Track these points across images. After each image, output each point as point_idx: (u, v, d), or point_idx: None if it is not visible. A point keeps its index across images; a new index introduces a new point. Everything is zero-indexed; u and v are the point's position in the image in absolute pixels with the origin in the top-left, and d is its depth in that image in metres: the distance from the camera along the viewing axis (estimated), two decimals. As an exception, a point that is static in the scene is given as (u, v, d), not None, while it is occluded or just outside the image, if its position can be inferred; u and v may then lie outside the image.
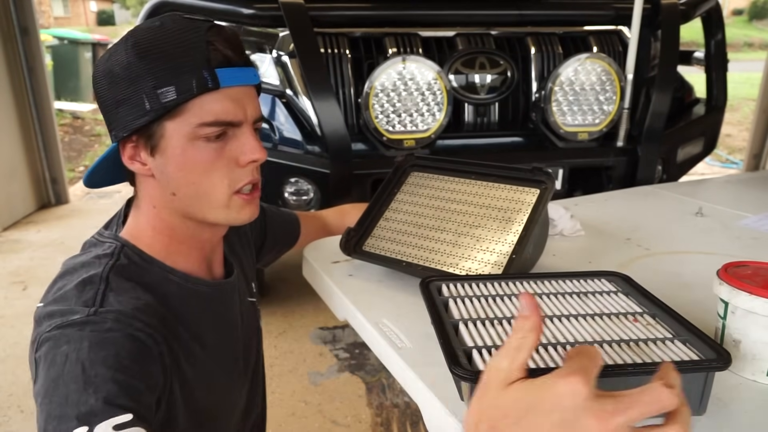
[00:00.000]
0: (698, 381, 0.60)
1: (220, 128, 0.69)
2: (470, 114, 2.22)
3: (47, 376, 0.60)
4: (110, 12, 29.21)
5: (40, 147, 4.16)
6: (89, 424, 0.55)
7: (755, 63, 8.00)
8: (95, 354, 0.60)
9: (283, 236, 1.12)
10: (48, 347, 0.62)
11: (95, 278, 0.68)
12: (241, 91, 0.71)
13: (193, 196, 0.72)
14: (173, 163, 0.70)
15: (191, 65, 0.67)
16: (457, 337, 0.65)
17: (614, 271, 0.82)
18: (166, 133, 0.69)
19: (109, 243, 0.74)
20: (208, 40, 0.68)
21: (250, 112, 0.72)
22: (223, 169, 0.71)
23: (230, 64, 0.69)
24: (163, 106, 0.67)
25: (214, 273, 0.84)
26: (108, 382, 0.59)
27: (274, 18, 2.04)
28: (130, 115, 0.69)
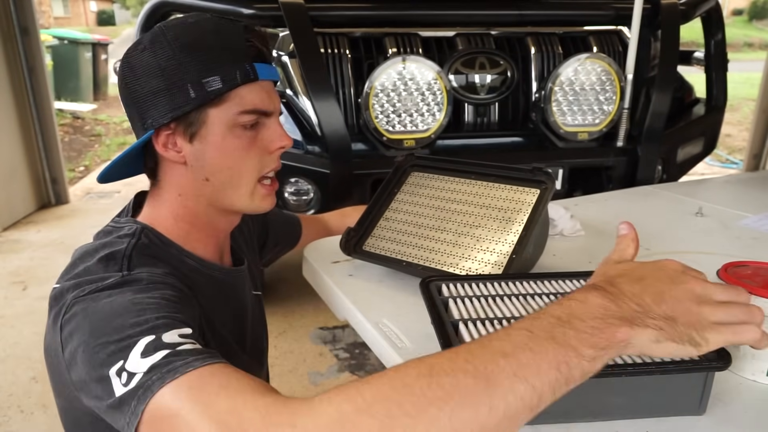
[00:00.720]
0: (698, 381, 0.60)
1: (255, 117, 0.76)
2: (470, 114, 2.22)
3: (92, 321, 0.60)
4: (110, 12, 29.22)
5: (40, 147, 4.16)
6: (155, 333, 0.56)
7: (755, 63, 7.99)
8: (140, 294, 0.62)
9: (284, 237, 1.14)
10: (85, 304, 0.62)
11: (117, 254, 0.70)
12: (269, 84, 0.78)
13: (227, 181, 0.77)
14: (212, 148, 0.75)
15: (234, 58, 0.73)
16: (457, 337, 0.66)
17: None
18: (208, 120, 0.74)
19: (129, 225, 0.76)
20: (246, 37, 0.75)
21: (276, 105, 0.79)
22: (255, 156, 0.77)
23: (264, 59, 0.77)
24: (208, 93, 0.72)
25: (224, 262, 0.88)
26: (162, 306, 0.61)
27: (274, 18, 2.04)
28: (171, 103, 0.73)
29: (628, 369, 0.58)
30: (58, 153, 4.27)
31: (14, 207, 3.95)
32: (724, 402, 0.64)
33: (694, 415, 0.61)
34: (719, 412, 0.62)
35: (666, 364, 0.59)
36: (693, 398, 0.61)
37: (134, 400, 0.53)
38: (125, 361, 0.55)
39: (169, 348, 0.55)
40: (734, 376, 0.69)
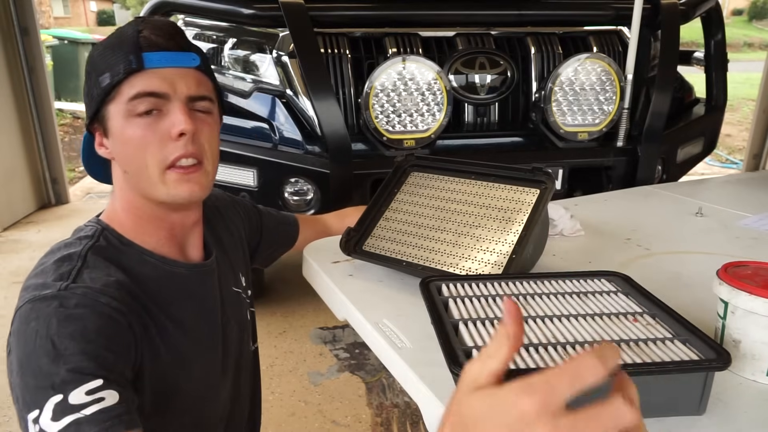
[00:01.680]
0: (698, 381, 0.60)
1: (147, 101, 0.75)
2: (470, 114, 2.22)
3: (21, 351, 0.66)
4: (110, 12, 29.21)
5: (40, 147, 4.16)
6: (63, 392, 0.61)
7: (755, 63, 8.00)
8: (63, 329, 0.65)
9: (280, 237, 1.14)
10: (19, 323, 0.68)
11: (74, 256, 0.74)
12: (173, 71, 0.77)
13: (135, 172, 0.78)
14: (117, 141, 0.78)
15: (122, 52, 0.75)
16: (457, 337, 0.66)
17: (614, 271, 0.82)
18: (109, 115, 0.77)
19: (91, 226, 0.80)
20: (138, 29, 0.76)
21: (180, 89, 0.77)
22: (156, 144, 0.76)
23: (159, 48, 0.76)
24: (102, 90, 0.76)
25: (190, 257, 0.87)
26: (76, 354, 0.64)
27: (274, 18, 2.04)
28: (89, 105, 0.80)
29: (628, 369, 0.58)
30: (58, 153, 4.27)
31: (14, 207, 3.95)
32: (724, 402, 0.64)
33: (694, 415, 0.61)
34: (719, 412, 0.62)
35: (666, 364, 0.59)
36: (693, 398, 0.61)
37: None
38: (40, 413, 0.61)
39: (74, 412, 0.60)
40: (734, 376, 0.69)
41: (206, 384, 0.85)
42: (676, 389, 0.60)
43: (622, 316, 0.71)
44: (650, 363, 0.59)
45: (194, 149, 0.77)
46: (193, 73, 0.79)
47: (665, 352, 0.63)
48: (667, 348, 0.64)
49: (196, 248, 0.88)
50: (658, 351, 0.63)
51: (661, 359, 0.60)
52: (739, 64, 6.86)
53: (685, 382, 0.60)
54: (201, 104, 0.79)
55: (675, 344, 0.64)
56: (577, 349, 0.63)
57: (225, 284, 0.92)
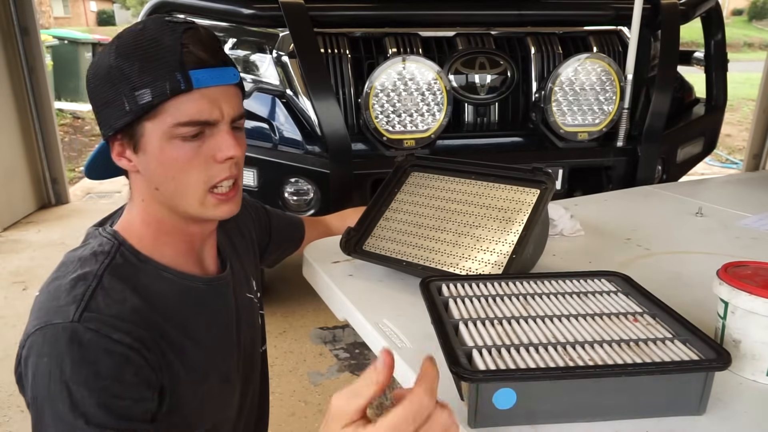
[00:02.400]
0: (698, 381, 0.60)
1: (195, 128, 0.72)
2: (470, 114, 2.22)
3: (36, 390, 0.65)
4: (110, 12, 29.21)
5: (40, 147, 4.16)
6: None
7: (755, 63, 8.00)
8: (77, 375, 0.64)
9: (288, 238, 1.14)
10: (32, 355, 0.67)
11: (89, 275, 0.71)
12: (217, 90, 0.73)
13: (173, 191, 0.75)
14: (153, 160, 0.74)
15: (165, 68, 0.69)
16: (457, 337, 0.66)
17: (614, 271, 0.82)
18: (146, 133, 0.72)
19: (107, 240, 0.76)
20: (182, 42, 0.70)
21: (226, 111, 0.74)
22: (200, 166, 0.74)
23: (204, 65, 0.71)
24: (140, 107, 0.70)
25: (207, 268, 0.86)
26: (93, 406, 0.63)
27: (274, 18, 2.04)
28: (113, 116, 0.72)
29: (628, 369, 0.58)
30: (58, 153, 4.27)
31: (14, 207, 3.95)
32: (724, 402, 0.64)
33: (693, 415, 0.61)
34: (719, 412, 0.62)
35: (666, 364, 0.59)
36: (693, 398, 0.61)
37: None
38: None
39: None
40: (734, 376, 0.69)
41: (220, 392, 0.85)
42: (677, 389, 0.60)
43: (622, 316, 0.71)
44: (650, 363, 0.59)
45: (235, 171, 0.77)
46: (234, 90, 0.76)
47: (665, 352, 0.63)
48: (668, 348, 0.64)
49: (211, 257, 0.87)
50: (658, 351, 0.63)
51: (662, 359, 0.60)
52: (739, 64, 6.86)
53: (686, 382, 0.60)
54: (239, 122, 0.78)
55: (675, 344, 0.64)
56: (577, 349, 0.63)
57: (240, 293, 0.91)
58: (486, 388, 0.57)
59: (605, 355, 0.62)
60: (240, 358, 0.90)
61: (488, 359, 0.60)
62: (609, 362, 0.60)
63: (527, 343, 0.64)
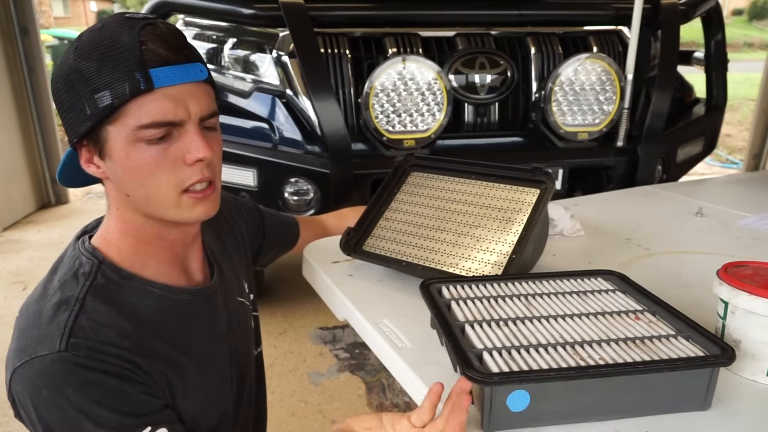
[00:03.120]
0: (704, 377, 0.60)
1: (160, 130, 0.68)
2: (470, 114, 2.22)
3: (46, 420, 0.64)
4: (110, 12, 29.17)
5: (40, 147, 4.16)
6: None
7: (755, 63, 8.00)
8: (85, 398, 0.63)
9: (282, 238, 1.13)
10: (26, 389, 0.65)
11: (71, 300, 0.68)
12: (182, 89, 0.68)
13: (145, 197, 0.71)
14: (120, 166, 0.70)
15: (124, 67, 0.65)
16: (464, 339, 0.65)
17: (610, 270, 0.83)
18: (110, 138, 0.68)
19: (87, 258, 0.73)
20: (140, 40, 0.66)
21: (193, 110, 0.69)
22: (169, 170, 0.69)
23: (165, 62, 0.67)
24: (101, 110, 0.66)
25: (193, 276, 0.82)
26: (115, 416, 0.64)
27: (274, 18, 2.04)
28: (76, 121, 0.69)
29: (639, 367, 0.58)
30: (58, 153, 4.27)
31: (14, 207, 3.95)
32: (725, 402, 0.64)
33: (699, 410, 0.61)
34: (719, 412, 0.62)
35: (675, 360, 0.60)
36: (699, 394, 0.61)
37: None
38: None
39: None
40: (734, 376, 0.69)
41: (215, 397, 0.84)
42: (684, 385, 0.61)
43: (624, 315, 0.71)
44: (659, 360, 0.59)
45: (208, 173, 0.72)
46: (203, 88, 0.71)
47: (671, 348, 0.63)
48: (672, 345, 0.64)
49: (197, 263, 0.84)
50: (664, 348, 0.63)
51: (669, 356, 0.61)
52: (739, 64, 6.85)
53: (692, 379, 0.60)
54: (210, 121, 0.73)
55: (679, 341, 0.65)
56: (585, 349, 0.63)
57: (230, 298, 0.89)
58: (501, 390, 0.56)
59: (613, 353, 0.62)
60: (233, 362, 0.88)
61: (500, 361, 0.60)
62: (618, 361, 0.60)
63: (536, 343, 0.64)
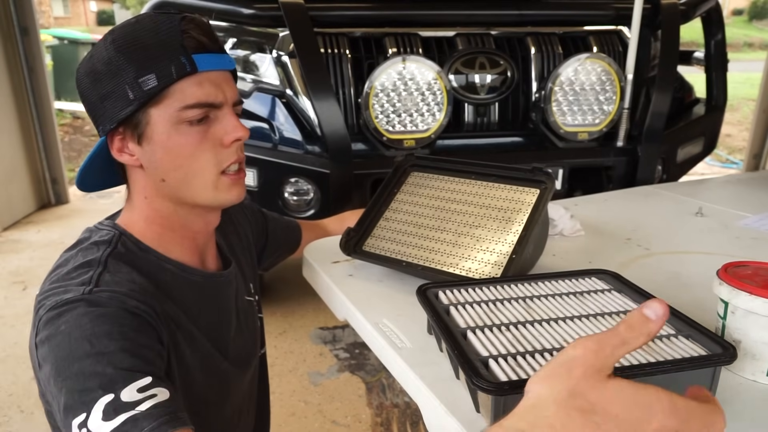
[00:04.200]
0: (707, 376, 0.60)
1: (202, 110, 0.72)
2: (470, 114, 2.22)
3: (56, 357, 0.62)
4: (110, 12, 29.19)
5: (40, 147, 4.16)
6: (113, 390, 0.58)
7: (755, 63, 8.00)
8: (98, 329, 0.62)
9: (285, 241, 1.14)
10: (48, 330, 0.64)
11: (93, 262, 0.70)
12: (218, 75, 0.74)
13: (182, 179, 0.75)
14: (160, 149, 0.73)
15: (169, 53, 0.70)
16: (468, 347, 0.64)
17: (604, 269, 0.83)
18: (152, 120, 0.72)
19: (107, 230, 0.76)
20: (182, 29, 0.71)
21: (229, 95, 0.75)
22: (209, 150, 0.74)
23: (206, 49, 0.73)
24: (145, 93, 0.70)
25: (208, 267, 0.86)
26: (119, 352, 0.61)
27: (274, 18, 2.04)
28: (115, 107, 0.72)
29: (646, 369, 0.58)
30: (58, 153, 4.27)
31: (14, 207, 3.95)
32: (725, 402, 0.64)
33: None
34: (719, 412, 0.62)
35: (680, 361, 0.60)
36: None
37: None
38: (87, 416, 0.57)
39: (128, 410, 0.57)
40: (734, 376, 0.69)
41: (221, 391, 0.84)
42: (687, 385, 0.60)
43: (623, 315, 0.71)
44: (665, 362, 0.59)
45: (241, 154, 0.78)
46: (231, 77, 0.78)
47: (674, 348, 0.63)
48: (674, 344, 0.64)
49: (212, 257, 0.87)
50: (666, 348, 0.63)
51: (672, 356, 0.61)
52: (739, 64, 6.86)
53: (695, 378, 0.60)
54: (238, 108, 0.78)
55: (680, 340, 0.65)
56: None
57: (239, 295, 0.91)
58: (511, 399, 0.55)
59: None
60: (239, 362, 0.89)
61: (506, 368, 0.59)
62: (625, 363, 0.60)
63: (540, 348, 0.63)
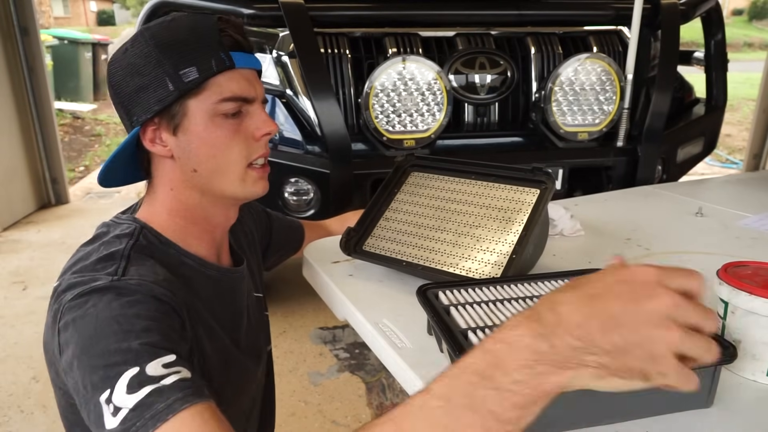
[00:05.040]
0: (707, 375, 0.60)
1: (237, 104, 0.76)
2: (470, 114, 2.22)
3: (81, 336, 0.63)
4: (110, 12, 29.20)
5: (40, 147, 4.16)
6: (139, 364, 0.58)
7: (755, 63, 8.00)
8: (126, 310, 0.63)
9: (288, 241, 1.15)
10: (73, 314, 0.64)
11: (116, 254, 0.71)
12: (250, 73, 0.79)
13: (214, 170, 0.78)
14: (196, 139, 0.76)
15: (209, 48, 0.74)
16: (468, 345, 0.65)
17: (600, 269, 0.82)
18: (189, 111, 0.75)
19: (128, 224, 0.78)
20: (220, 27, 0.76)
21: (259, 92, 0.80)
22: (241, 144, 0.78)
23: (241, 48, 0.77)
24: (186, 84, 0.73)
25: (223, 263, 0.88)
26: (145, 330, 0.62)
27: (274, 18, 2.04)
28: (153, 98, 0.74)
29: None
30: (58, 153, 4.27)
31: (14, 207, 3.95)
32: (725, 402, 0.64)
33: (703, 408, 0.62)
34: (719, 412, 0.62)
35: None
36: (702, 392, 0.61)
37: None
38: (112, 391, 0.58)
39: (153, 383, 0.57)
40: (734, 376, 0.69)
41: (236, 386, 0.85)
42: None
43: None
44: None
45: (268, 149, 0.82)
46: (258, 76, 0.82)
47: None
48: None
49: (225, 253, 0.90)
50: None
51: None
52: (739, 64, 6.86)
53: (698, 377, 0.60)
54: (264, 105, 0.82)
55: None
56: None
57: (250, 291, 0.93)
58: None
59: None
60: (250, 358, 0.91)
61: None
62: None
63: None
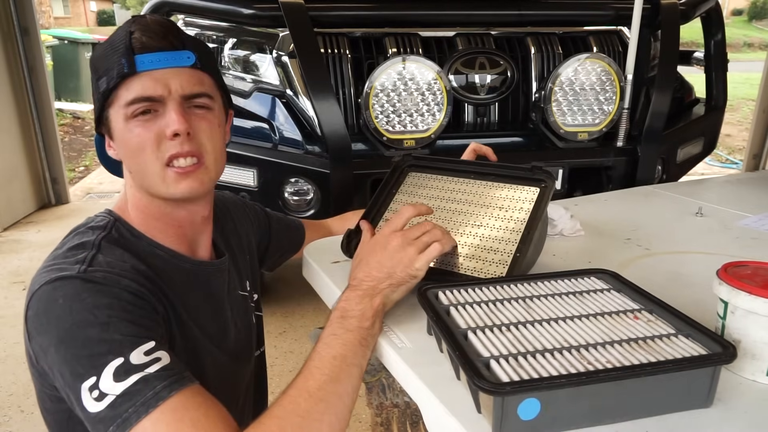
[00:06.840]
0: (707, 374, 0.60)
1: (141, 104, 0.76)
2: (470, 114, 2.22)
3: (59, 328, 0.66)
4: (110, 12, 29.19)
5: (40, 147, 4.16)
6: (123, 354, 0.63)
7: (755, 63, 8.00)
8: (98, 302, 0.67)
9: (288, 241, 1.15)
10: (42, 304, 0.68)
11: (87, 244, 0.75)
12: (167, 72, 0.77)
13: (138, 171, 0.79)
14: (120, 143, 0.79)
15: (116, 56, 0.76)
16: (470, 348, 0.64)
17: (603, 269, 0.83)
18: (111, 118, 0.79)
19: (102, 217, 0.81)
20: (130, 30, 0.77)
21: (174, 88, 0.77)
22: (154, 143, 0.77)
23: (149, 50, 0.76)
24: (102, 95, 0.77)
25: (200, 256, 0.89)
26: (122, 321, 0.66)
27: (274, 18, 2.04)
28: (94, 108, 0.81)
29: (647, 369, 0.58)
30: (58, 153, 4.27)
31: (14, 207, 3.95)
32: (724, 402, 0.64)
33: (702, 408, 0.62)
34: (719, 412, 0.62)
35: (680, 361, 0.60)
36: (702, 392, 0.61)
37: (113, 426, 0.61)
38: (98, 379, 0.62)
39: (138, 371, 0.63)
40: (734, 376, 0.69)
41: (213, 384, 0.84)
42: (688, 384, 0.61)
43: (623, 314, 0.71)
44: (666, 361, 0.60)
45: (191, 148, 0.78)
46: (189, 72, 0.78)
47: (674, 348, 0.63)
48: (674, 344, 0.64)
49: (205, 248, 0.89)
50: (667, 348, 0.63)
51: (673, 356, 0.61)
52: (739, 64, 6.86)
53: (696, 377, 0.60)
54: (199, 101, 0.79)
55: (680, 339, 0.65)
56: (591, 352, 0.63)
57: (231, 287, 0.93)
58: (512, 400, 0.55)
59: (619, 356, 0.61)
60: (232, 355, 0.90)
61: (508, 369, 0.59)
62: (626, 363, 0.60)
63: (541, 349, 0.63)
